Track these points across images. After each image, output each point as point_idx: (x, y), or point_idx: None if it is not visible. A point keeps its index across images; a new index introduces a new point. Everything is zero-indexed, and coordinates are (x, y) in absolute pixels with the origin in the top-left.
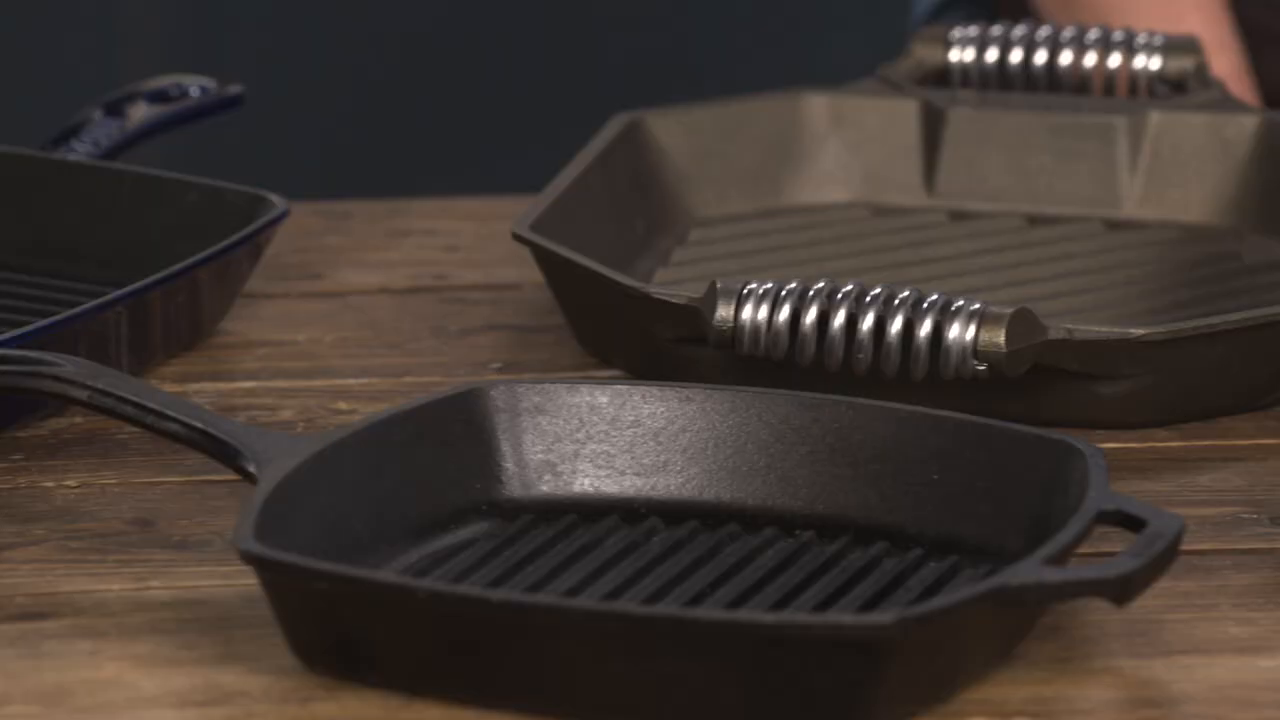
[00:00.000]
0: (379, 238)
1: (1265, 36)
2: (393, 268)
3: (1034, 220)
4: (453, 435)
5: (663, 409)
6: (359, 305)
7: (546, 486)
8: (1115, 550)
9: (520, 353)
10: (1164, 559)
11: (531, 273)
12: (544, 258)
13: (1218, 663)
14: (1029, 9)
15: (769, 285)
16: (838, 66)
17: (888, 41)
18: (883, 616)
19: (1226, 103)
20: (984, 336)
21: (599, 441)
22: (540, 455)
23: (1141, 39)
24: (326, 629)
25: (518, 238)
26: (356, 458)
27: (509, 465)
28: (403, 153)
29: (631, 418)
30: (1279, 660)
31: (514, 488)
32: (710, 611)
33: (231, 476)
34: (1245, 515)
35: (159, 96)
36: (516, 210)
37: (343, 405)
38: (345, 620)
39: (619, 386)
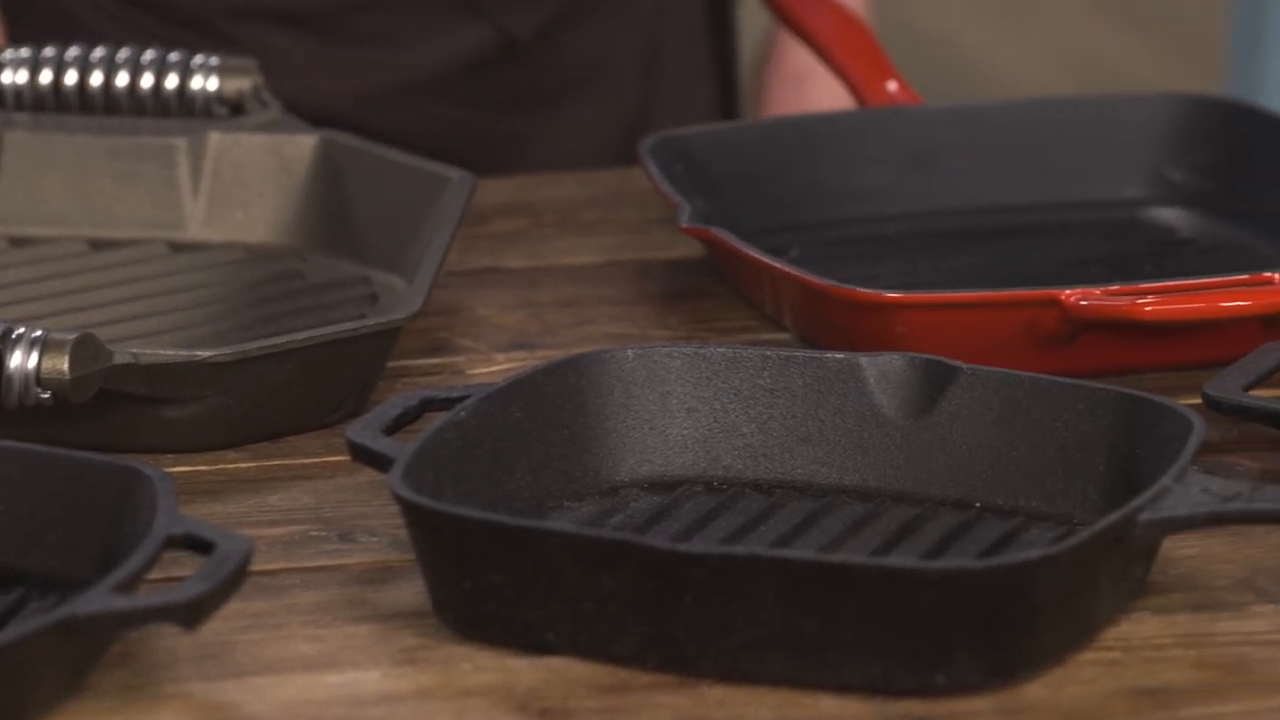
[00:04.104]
0: None
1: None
2: None
3: (97, 244)
4: None
5: None
6: None
7: None
8: (187, 575)
9: None
10: (233, 581)
11: None
12: None
13: (288, 681)
14: None
15: None
16: None
17: None
18: None
19: (285, 123)
20: (47, 363)
21: None
22: None
23: (198, 60)
24: None
25: None
26: None
27: None
28: None
29: None
30: (347, 675)
31: None
32: None
33: None
34: (315, 533)
35: None
36: None
37: None
38: None
39: None
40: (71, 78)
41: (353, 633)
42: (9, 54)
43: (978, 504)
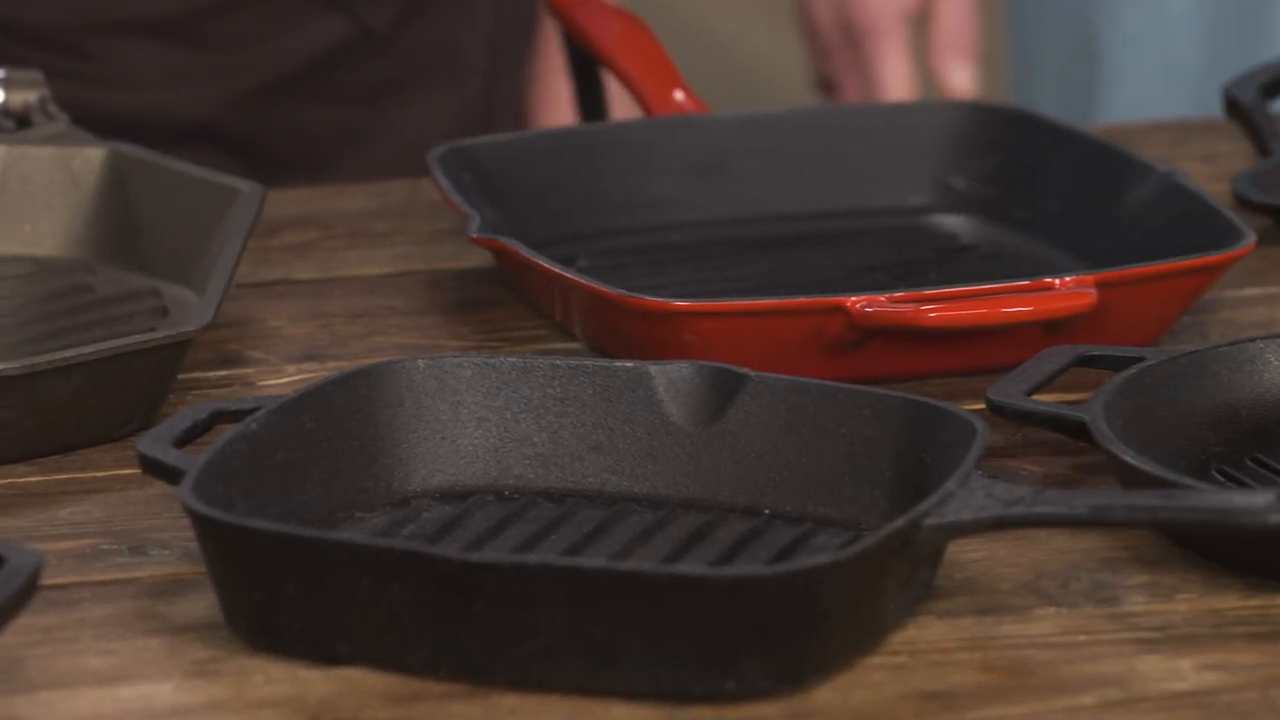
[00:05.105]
0: None
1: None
2: None
3: None
4: None
5: None
6: None
7: None
8: None
9: None
10: (23, 595)
11: None
12: None
13: (79, 695)
14: None
15: None
16: None
17: None
18: None
19: (73, 135)
20: None
21: None
22: None
23: None
24: None
25: None
26: None
27: None
28: None
29: None
30: (138, 688)
31: None
32: None
33: None
34: (106, 546)
35: None
36: None
37: None
38: None
39: None
40: None
41: (144, 646)
42: None
43: (766, 510)
